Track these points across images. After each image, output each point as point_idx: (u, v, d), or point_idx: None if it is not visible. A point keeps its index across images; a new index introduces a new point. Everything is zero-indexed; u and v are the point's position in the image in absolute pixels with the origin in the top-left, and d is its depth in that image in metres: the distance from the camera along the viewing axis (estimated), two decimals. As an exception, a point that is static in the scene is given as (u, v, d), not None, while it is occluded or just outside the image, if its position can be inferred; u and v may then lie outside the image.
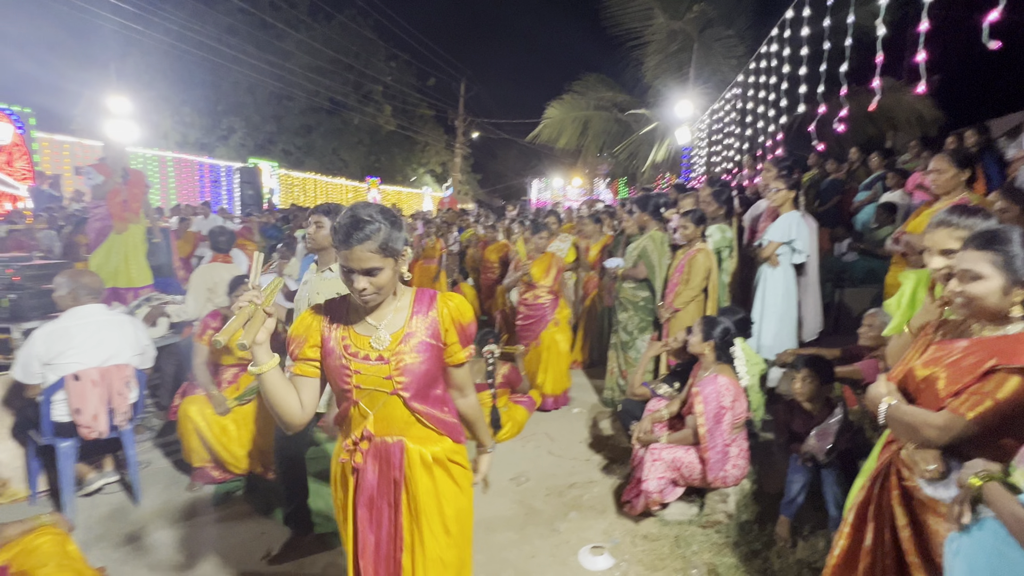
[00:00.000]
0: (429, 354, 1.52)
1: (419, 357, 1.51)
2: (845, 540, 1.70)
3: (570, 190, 29.19)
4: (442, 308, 1.56)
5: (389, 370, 1.49)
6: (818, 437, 2.67)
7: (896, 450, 1.62)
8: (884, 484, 1.63)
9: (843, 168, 7.25)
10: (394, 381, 1.50)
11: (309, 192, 19.71)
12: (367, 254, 1.40)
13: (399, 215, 2.01)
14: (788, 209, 3.89)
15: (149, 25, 15.66)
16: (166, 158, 14.47)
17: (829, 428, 2.64)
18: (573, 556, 2.70)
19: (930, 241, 1.70)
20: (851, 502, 1.74)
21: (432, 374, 1.55)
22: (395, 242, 1.44)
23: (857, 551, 1.67)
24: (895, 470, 1.59)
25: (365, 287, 1.43)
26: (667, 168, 12.79)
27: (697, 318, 3.33)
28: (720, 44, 10.85)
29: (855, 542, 1.68)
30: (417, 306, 1.56)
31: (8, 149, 9.89)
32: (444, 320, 1.55)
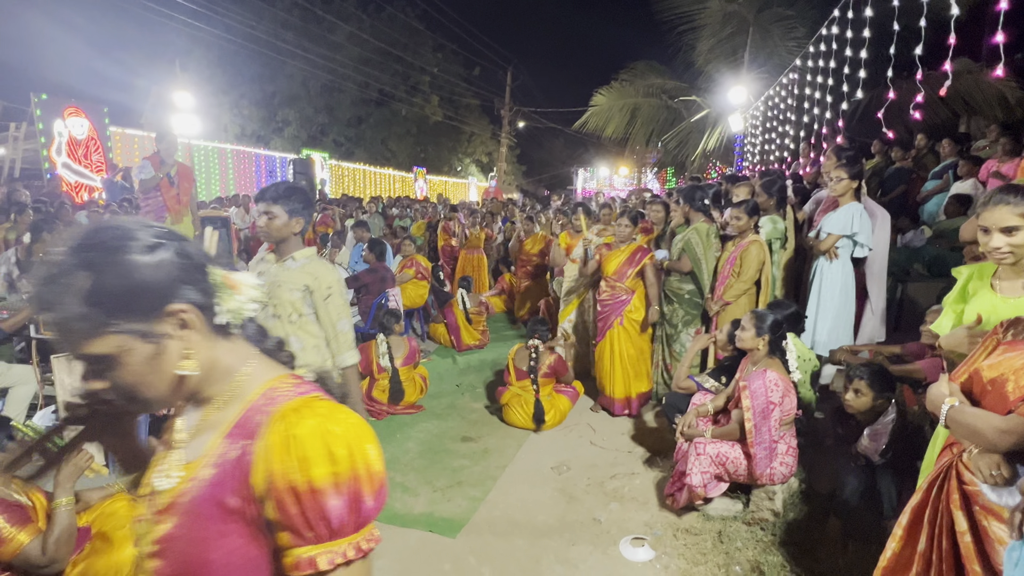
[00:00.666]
0: (212, 530, 0.74)
1: (187, 530, 0.76)
2: (898, 544, 1.64)
3: (616, 179, 28.77)
4: (268, 447, 0.72)
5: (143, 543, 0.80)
6: (871, 437, 2.58)
7: (957, 453, 1.55)
8: (942, 488, 1.56)
9: (909, 156, 6.85)
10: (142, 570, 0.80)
11: (359, 182, 20.17)
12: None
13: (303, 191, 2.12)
14: (849, 200, 3.71)
15: (211, 22, 16.36)
16: (225, 150, 15.10)
17: (883, 428, 2.54)
18: (614, 546, 2.71)
19: (988, 220, 1.64)
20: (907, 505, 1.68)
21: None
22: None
23: (910, 556, 1.61)
24: (955, 474, 1.53)
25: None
26: (718, 157, 12.41)
27: (747, 312, 3.25)
28: (778, 26, 10.39)
29: (908, 546, 1.62)
30: (241, 424, 0.78)
31: (85, 143, 10.57)
32: (259, 473, 0.72)
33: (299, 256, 2.29)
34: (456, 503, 3.10)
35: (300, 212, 2.25)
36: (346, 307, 2.33)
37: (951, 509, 1.52)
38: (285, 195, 2.22)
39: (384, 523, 2.89)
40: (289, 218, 2.23)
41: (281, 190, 2.24)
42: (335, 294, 2.28)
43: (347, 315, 2.32)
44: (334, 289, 2.28)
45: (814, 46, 6.35)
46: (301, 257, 2.29)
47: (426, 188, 23.12)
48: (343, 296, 2.33)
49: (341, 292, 2.32)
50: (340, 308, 2.29)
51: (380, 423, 4.17)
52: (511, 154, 29.32)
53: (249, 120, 19.22)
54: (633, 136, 12.92)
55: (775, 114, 8.87)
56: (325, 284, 2.25)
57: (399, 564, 2.59)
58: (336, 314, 2.28)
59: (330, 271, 2.30)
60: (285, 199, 2.21)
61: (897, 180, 6.49)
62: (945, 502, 1.54)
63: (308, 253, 2.31)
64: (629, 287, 4.21)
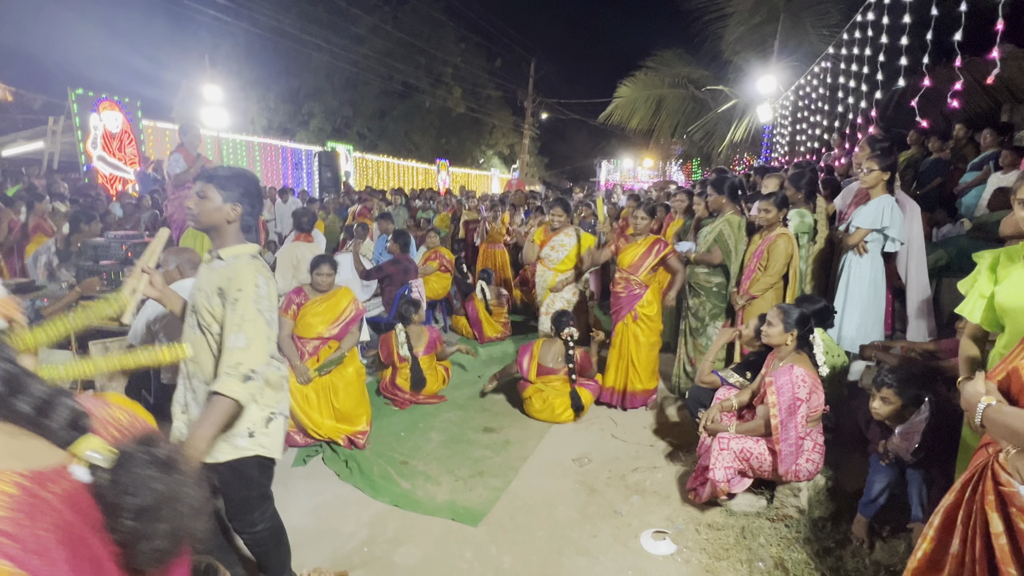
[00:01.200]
0: None
1: None
2: (929, 544, 1.61)
3: (640, 171, 28.44)
4: None
5: None
6: (903, 436, 2.51)
7: (993, 453, 1.50)
8: (977, 488, 1.52)
9: (947, 146, 6.61)
10: None
11: (382, 174, 20.35)
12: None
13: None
14: (880, 192, 3.61)
15: (239, 16, 16.61)
16: (253, 143, 15.37)
17: (915, 426, 2.47)
18: (635, 539, 2.71)
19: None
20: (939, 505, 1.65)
21: None
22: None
23: (942, 557, 1.58)
24: (990, 474, 1.49)
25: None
26: (746, 148, 12.17)
27: (773, 306, 3.19)
28: (810, 13, 10.10)
29: (940, 547, 1.59)
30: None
31: (119, 136, 10.88)
32: None
33: (228, 254, 1.89)
34: (478, 493, 3.13)
35: (239, 200, 1.89)
36: (257, 325, 1.78)
37: (986, 510, 1.48)
38: (225, 176, 1.89)
39: (407, 510, 2.94)
40: (223, 202, 1.87)
41: (223, 171, 1.92)
42: (244, 300, 1.78)
43: (254, 335, 1.77)
44: (245, 294, 1.78)
45: (848, 33, 6.17)
46: (230, 255, 1.89)
47: (449, 180, 23.20)
48: (258, 307, 1.80)
49: (255, 301, 1.79)
50: (246, 321, 1.76)
51: (403, 412, 4.22)
52: (533, 146, 29.21)
53: (276, 113, 19.52)
54: (658, 128, 12.75)
55: (806, 104, 8.65)
56: (236, 286, 1.79)
57: (422, 551, 2.63)
58: (236, 324, 1.76)
59: (251, 274, 1.82)
60: (223, 180, 1.88)
61: (934, 172, 6.27)
62: (980, 503, 1.49)
63: (242, 251, 1.90)
64: (643, 281, 4.13)
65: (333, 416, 3.57)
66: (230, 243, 1.91)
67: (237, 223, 1.90)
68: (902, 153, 6.78)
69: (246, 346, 1.74)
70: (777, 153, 10.49)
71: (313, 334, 3.67)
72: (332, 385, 3.58)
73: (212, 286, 1.83)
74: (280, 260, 4.73)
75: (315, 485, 3.21)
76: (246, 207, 1.91)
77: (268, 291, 1.87)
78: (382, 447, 3.65)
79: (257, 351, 1.76)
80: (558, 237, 4.79)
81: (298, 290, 3.73)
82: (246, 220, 1.92)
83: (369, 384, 4.16)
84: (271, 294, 1.88)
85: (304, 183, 16.29)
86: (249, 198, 1.92)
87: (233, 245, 1.90)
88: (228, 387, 1.70)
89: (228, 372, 1.72)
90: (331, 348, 3.70)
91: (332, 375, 3.59)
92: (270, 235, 8.93)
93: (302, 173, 16.66)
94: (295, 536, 2.73)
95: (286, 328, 3.64)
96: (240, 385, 1.71)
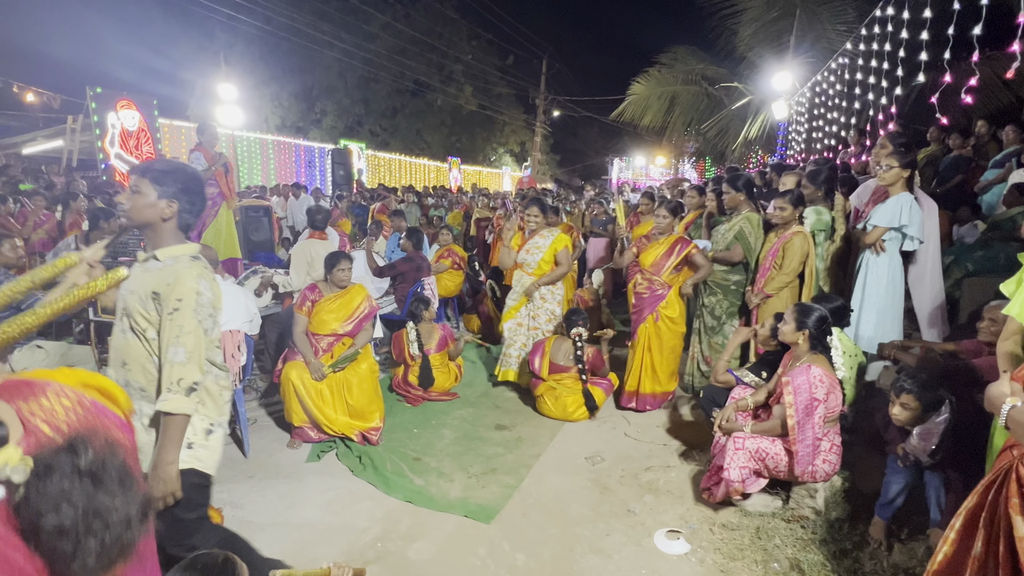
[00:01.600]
0: None
1: None
2: (950, 547, 1.58)
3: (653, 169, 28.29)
4: None
5: None
6: (921, 437, 2.47)
7: (1018, 456, 1.48)
8: (1000, 491, 1.50)
9: (968, 143, 6.49)
10: None
11: (394, 172, 20.44)
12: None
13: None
14: (899, 190, 3.55)
15: (253, 15, 16.75)
16: (267, 141, 15.50)
17: (934, 428, 2.43)
18: (648, 538, 2.70)
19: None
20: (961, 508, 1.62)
21: None
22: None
23: (963, 560, 1.55)
24: (1015, 477, 1.46)
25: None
26: (760, 145, 12.05)
27: (790, 305, 3.16)
28: (827, 8, 9.96)
29: (962, 550, 1.56)
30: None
31: (136, 134, 11.01)
32: None
33: (166, 255, 1.76)
34: (490, 490, 3.14)
35: (176, 196, 1.75)
36: (196, 336, 1.69)
37: (1009, 513, 1.45)
38: (160, 170, 1.76)
39: (420, 506, 2.95)
40: (157, 198, 1.73)
41: (158, 165, 1.80)
42: (184, 311, 1.68)
43: (193, 347, 1.69)
44: (185, 303, 1.68)
45: (867, 28, 6.07)
46: (168, 256, 1.76)
47: (460, 178, 23.23)
48: (198, 317, 1.70)
49: (195, 310, 1.69)
50: (185, 332, 1.67)
51: (416, 409, 4.24)
52: (545, 143, 29.15)
53: (289, 111, 19.67)
54: (671, 125, 12.66)
55: (822, 100, 8.54)
56: (175, 294, 1.68)
57: (435, 547, 2.64)
58: (175, 336, 1.67)
59: (192, 279, 1.70)
60: (158, 174, 1.74)
61: (955, 169, 6.17)
62: (1004, 506, 1.47)
63: (181, 252, 1.77)
64: (666, 281, 4.07)
65: (347, 412, 3.60)
66: (167, 243, 1.77)
67: (174, 221, 1.77)
68: (922, 150, 6.68)
69: (186, 360, 1.68)
70: (793, 151, 10.37)
71: (327, 330, 3.69)
72: (346, 381, 3.60)
73: (146, 289, 1.71)
74: (294, 257, 4.77)
75: (329, 480, 3.24)
76: (184, 204, 1.77)
77: (210, 296, 1.76)
78: (395, 443, 3.67)
79: (196, 363, 1.70)
80: (534, 239, 4.46)
81: (312, 287, 3.76)
82: (185, 218, 1.79)
83: (382, 381, 4.18)
84: (213, 299, 1.78)
85: (317, 181, 16.41)
86: (188, 194, 1.78)
87: (171, 245, 1.77)
88: (175, 405, 1.66)
89: (171, 388, 1.66)
90: (345, 345, 3.72)
91: (346, 371, 3.62)
92: (283, 232, 9.00)
93: (315, 171, 16.78)
94: (309, 531, 2.76)
95: (300, 325, 3.67)
96: (186, 400, 1.67)
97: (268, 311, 4.54)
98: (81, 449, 0.75)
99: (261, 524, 2.80)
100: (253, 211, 6.68)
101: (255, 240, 6.50)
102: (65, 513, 0.70)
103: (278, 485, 3.18)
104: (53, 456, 0.74)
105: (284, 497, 3.06)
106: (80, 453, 0.75)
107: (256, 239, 6.52)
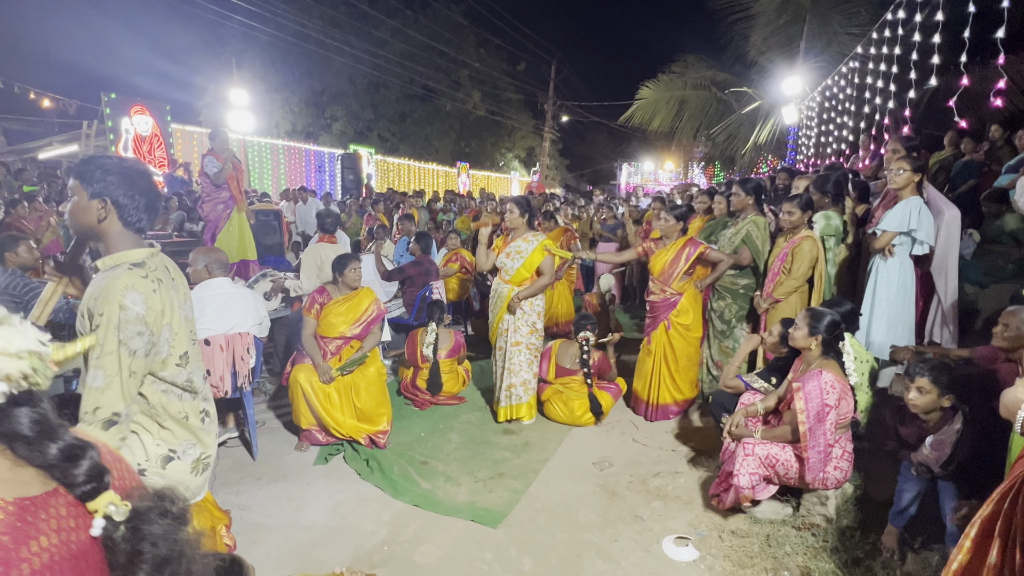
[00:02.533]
0: None
1: None
2: (965, 555, 1.56)
3: (661, 174, 28.23)
4: None
5: None
6: (933, 447, 2.43)
7: None
8: (1016, 500, 1.47)
9: (981, 148, 6.42)
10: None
11: (403, 177, 20.54)
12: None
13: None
14: (909, 194, 3.52)
15: (264, 22, 16.95)
16: (277, 146, 15.64)
17: (947, 437, 2.39)
18: (656, 544, 2.67)
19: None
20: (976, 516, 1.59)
21: None
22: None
23: (978, 569, 1.53)
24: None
25: None
26: (770, 150, 11.99)
27: (799, 310, 3.13)
28: (838, 12, 9.92)
29: (977, 558, 1.54)
30: None
31: (149, 139, 11.17)
32: None
33: (107, 264, 1.53)
34: (498, 494, 3.13)
35: (108, 193, 1.51)
36: (117, 358, 1.45)
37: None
38: (89, 168, 1.52)
39: (427, 510, 2.95)
40: (89, 198, 1.50)
41: (88, 162, 1.54)
42: (105, 327, 1.43)
43: (114, 371, 1.45)
44: (106, 319, 1.43)
45: (878, 32, 6.03)
46: (109, 265, 1.53)
47: (469, 183, 23.30)
48: (121, 335, 1.45)
49: (117, 328, 1.44)
50: (104, 353, 1.44)
51: (423, 413, 4.24)
52: (554, 148, 29.17)
53: (299, 117, 19.85)
54: (680, 130, 12.62)
55: (833, 105, 8.49)
56: (98, 308, 1.44)
57: (442, 551, 2.63)
58: (95, 356, 1.43)
59: (119, 291, 1.45)
60: (86, 171, 1.51)
61: (967, 174, 6.09)
62: (1020, 515, 1.44)
63: (122, 259, 1.53)
64: (678, 290, 3.96)
65: (355, 415, 3.60)
66: (116, 247, 1.54)
67: (114, 223, 1.53)
68: (934, 155, 6.61)
69: (104, 386, 1.43)
70: (803, 155, 10.30)
71: (336, 333, 3.70)
72: (354, 384, 3.61)
73: (83, 305, 1.49)
74: (304, 261, 4.80)
75: (336, 484, 3.24)
76: (123, 201, 1.53)
77: (138, 311, 1.47)
78: (402, 447, 3.67)
79: (116, 391, 1.45)
80: (515, 243, 3.95)
81: (321, 290, 3.78)
82: (130, 217, 1.55)
83: (390, 384, 4.19)
84: (145, 314, 1.48)
85: (327, 185, 16.53)
86: (126, 189, 1.53)
87: (116, 252, 1.54)
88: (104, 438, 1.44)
89: (85, 419, 1.43)
90: (353, 348, 3.73)
91: (354, 375, 3.62)
92: (293, 236, 9.06)
93: (325, 175, 16.90)
94: (317, 533, 2.76)
95: (309, 328, 3.68)
96: (103, 435, 1.41)
97: (277, 314, 4.56)
98: (168, 496, 0.82)
99: (268, 526, 2.81)
100: (263, 215, 6.73)
101: (265, 244, 6.55)
102: (163, 548, 0.76)
103: (286, 487, 3.19)
104: (147, 500, 0.80)
105: (291, 499, 3.06)
106: (168, 499, 0.81)
107: (266, 243, 6.57)
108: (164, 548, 0.77)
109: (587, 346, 4.03)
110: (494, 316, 4.04)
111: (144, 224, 1.61)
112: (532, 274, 3.94)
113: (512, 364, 3.95)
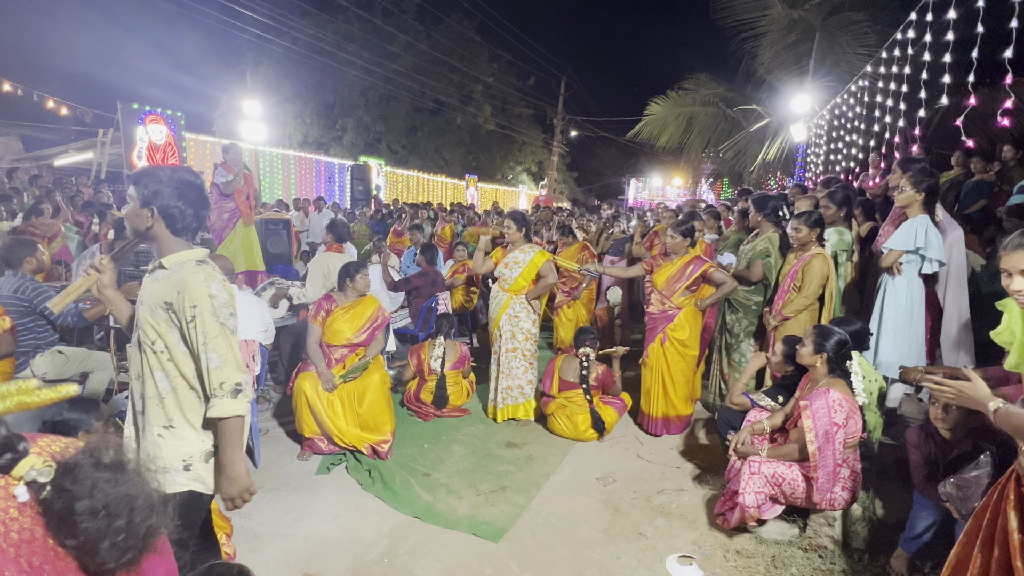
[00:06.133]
0: None
1: None
2: (958, 548, 1.66)
3: (670, 190, 28.26)
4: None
5: None
6: (958, 487, 2.23)
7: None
8: (1002, 493, 1.55)
9: (991, 167, 6.39)
10: None
11: (412, 189, 20.69)
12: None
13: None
14: (916, 213, 3.50)
15: (279, 35, 17.25)
16: (289, 156, 15.82)
17: (975, 481, 2.12)
18: (660, 563, 2.63)
19: (1009, 264, 1.68)
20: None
21: None
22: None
23: (967, 558, 1.61)
24: (1015, 477, 1.52)
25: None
26: (778, 168, 11.98)
27: (808, 327, 3.10)
28: (847, 32, 9.95)
29: (967, 550, 1.62)
30: None
31: (163, 148, 11.32)
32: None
33: (171, 262, 1.69)
34: (499, 508, 3.10)
35: (158, 201, 1.68)
36: (223, 338, 1.66)
37: (1007, 509, 1.49)
38: (142, 177, 1.70)
39: (428, 523, 2.92)
40: (140, 207, 1.68)
41: (143, 172, 1.72)
42: (202, 315, 1.62)
43: (225, 350, 1.65)
44: (201, 308, 1.62)
45: (887, 51, 6.05)
46: (174, 263, 1.69)
47: (477, 196, 23.42)
48: (219, 319, 1.65)
49: (214, 313, 1.64)
50: (211, 337, 1.63)
51: (427, 424, 4.22)
52: (562, 163, 29.33)
53: (311, 128, 20.11)
54: (688, 145, 12.66)
55: (842, 123, 8.49)
56: (189, 302, 1.62)
57: (442, 565, 2.60)
58: (202, 343, 1.63)
59: (201, 283, 1.64)
60: (140, 181, 1.69)
61: (976, 194, 6.07)
62: (1004, 505, 1.51)
63: (186, 257, 1.70)
64: (677, 304, 3.98)
65: (357, 424, 3.59)
66: (171, 249, 1.71)
67: (162, 229, 1.70)
68: (944, 174, 6.58)
69: (220, 364, 1.64)
70: (811, 173, 10.29)
71: (342, 340, 3.71)
72: (357, 392, 3.61)
73: (156, 298, 1.65)
74: (312, 270, 4.83)
75: (338, 494, 3.22)
76: (172, 208, 1.68)
77: (225, 297, 1.70)
78: (405, 458, 3.65)
79: (231, 365, 1.66)
80: (513, 254, 4.24)
81: (328, 297, 3.79)
82: (180, 222, 1.71)
83: (393, 396, 4.18)
84: (229, 299, 1.73)
85: (337, 196, 16.66)
86: (176, 198, 1.69)
87: (175, 252, 1.71)
88: (222, 409, 1.63)
89: (215, 394, 1.64)
90: (357, 355, 3.73)
91: (357, 382, 3.62)
92: (302, 245, 9.12)
93: (335, 186, 17.05)
94: (317, 543, 2.74)
95: (314, 335, 3.69)
96: (234, 402, 1.64)
97: (283, 323, 4.58)
98: (100, 448, 0.85)
99: (269, 535, 2.79)
100: (272, 224, 6.79)
101: (273, 252, 6.60)
102: (96, 498, 0.79)
103: (287, 496, 3.17)
104: (76, 456, 0.83)
105: (293, 509, 3.05)
106: (100, 451, 0.84)
107: (275, 252, 6.62)
108: (102, 496, 0.79)
109: (587, 361, 4.01)
110: (492, 322, 4.32)
111: (192, 232, 1.78)
112: (529, 283, 4.22)
113: (507, 368, 4.21)
